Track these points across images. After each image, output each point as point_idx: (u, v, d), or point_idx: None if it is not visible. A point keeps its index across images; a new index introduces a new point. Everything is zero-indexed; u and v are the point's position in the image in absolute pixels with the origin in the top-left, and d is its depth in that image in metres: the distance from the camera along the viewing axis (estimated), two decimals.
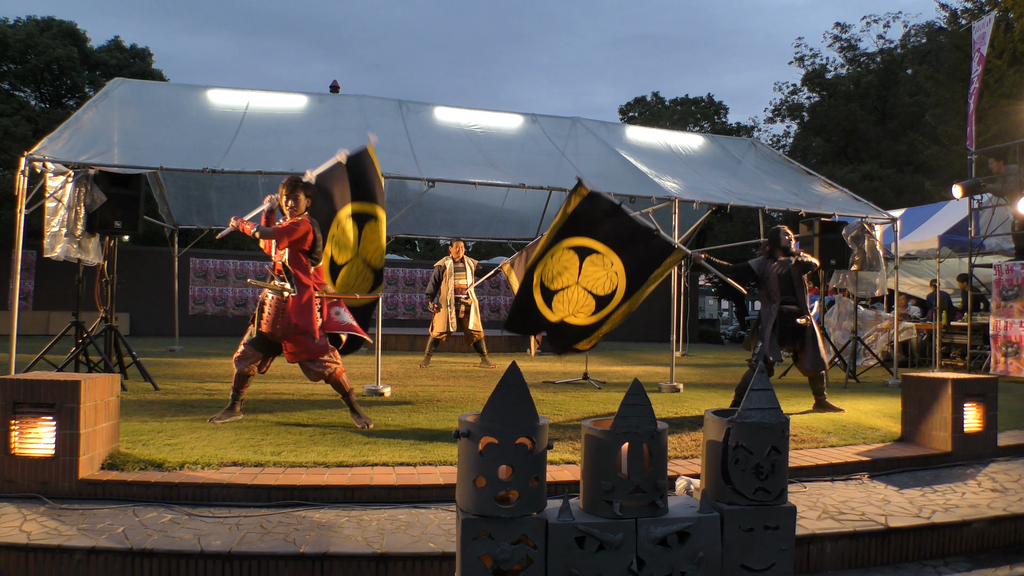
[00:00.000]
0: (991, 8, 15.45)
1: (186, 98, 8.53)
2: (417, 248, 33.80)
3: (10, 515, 3.02)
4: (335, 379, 4.69)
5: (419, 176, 6.73)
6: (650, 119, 27.94)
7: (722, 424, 2.47)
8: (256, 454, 3.77)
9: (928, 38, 24.40)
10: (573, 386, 7.10)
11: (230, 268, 16.51)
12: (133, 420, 4.57)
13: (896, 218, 8.72)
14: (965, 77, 15.12)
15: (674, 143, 10.24)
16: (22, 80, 18.30)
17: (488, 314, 17.77)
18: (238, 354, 4.63)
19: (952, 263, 11.88)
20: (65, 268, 7.63)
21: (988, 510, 3.44)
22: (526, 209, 12.27)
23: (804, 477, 3.93)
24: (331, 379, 4.68)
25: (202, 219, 10.95)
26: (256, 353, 4.64)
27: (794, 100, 27.47)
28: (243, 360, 4.62)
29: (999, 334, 8.52)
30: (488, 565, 2.20)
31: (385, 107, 9.19)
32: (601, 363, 10.17)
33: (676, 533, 2.31)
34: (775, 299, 5.69)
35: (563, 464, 3.84)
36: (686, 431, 4.73)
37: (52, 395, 3.28)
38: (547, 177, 7.78)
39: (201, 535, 2.85)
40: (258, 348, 4.64)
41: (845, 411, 5.67)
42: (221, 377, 7.06)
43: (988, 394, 4.48)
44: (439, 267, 8.89)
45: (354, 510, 3.25)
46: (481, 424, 2.21)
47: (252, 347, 4.63)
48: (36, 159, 5.94)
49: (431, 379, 7.43)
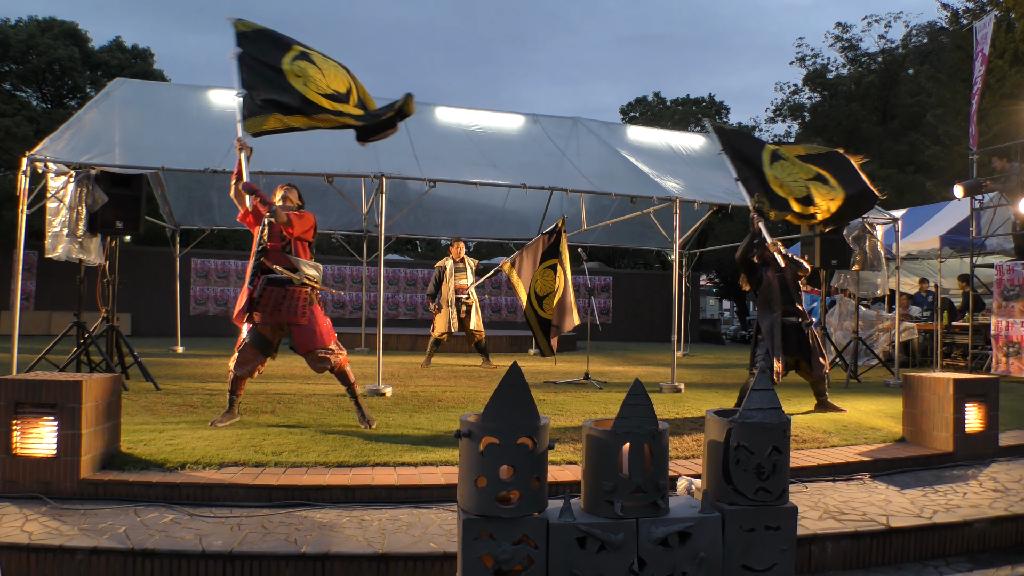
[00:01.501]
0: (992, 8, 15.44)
1: (187, 98, 8.53)
2: (418, 248, 33.83)
3: (12, 515, 3.02)
4: (340, 369, 4.70)
5: (420, 176, 6.73)
6: (651, 119, 27.95)
7: (723, 424, 2.47)
8: (257, 454, 3.78)
9: (929, 38, 24.40)
10: (574, 386, 7.11)
11: (231, 268, 16.52)
12: (134, 420, 4.57)
13: (897, 218, 8.71)
14: (966, 77, 15.13)
15: (675, 143, 10.24)
16: (24, 80, 18.33)
17: (489, 314, 17.78)
18: (238, 360, 4.58)
19: (953, 263, 11.87)
20: (66, 268, 7.64)
21: (989, 510, 3.43)
22: (527, 209, 12.27)
23: (805, 477, 3.93)
24: (336, 369, 4.68)
25: (203, 219, 10.96)
26: (257, 355, 4.62)
27: (795, 100, 27.48)
28: (244, 365, 4.59)
29: (1000, 334, 8.52)
30: (489, 565, 2.20)
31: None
32: (602, 363, 10.17)
33: (677, 533, 2.31)
34: (775, 308, 5.48)
35: (564, 464, 3.84)
36: (687, 431, 4.73)
37: (54, 395, 3.29)
38: (548, 177, 7.78)
39: (202, 535, 2.85)
40: (259, 349, 4.62)
41: (847, 411, 5.66)
42: (222, 377, 7.06)
43: (989, 394, 4.48)
44: (440, 267, 8.89)
45: (355, 510, 3.25)
46: (482, 424, 2.21)
47: (254, 348, 4.60)
48: (38, 159, 5.95)
49: (432, 379, 7.43)
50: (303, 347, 4.62)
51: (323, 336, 4.63)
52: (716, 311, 45.90)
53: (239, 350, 4.60)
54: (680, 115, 28.32)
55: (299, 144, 7.52)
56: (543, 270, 7.27)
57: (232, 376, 4.64)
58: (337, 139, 7.85)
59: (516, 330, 15.66)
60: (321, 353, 4.61)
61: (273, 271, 4.53)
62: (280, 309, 4.51)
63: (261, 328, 4.59)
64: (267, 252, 4.56)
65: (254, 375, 4.69)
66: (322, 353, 4.62)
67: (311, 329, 4.60)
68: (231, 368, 4.63)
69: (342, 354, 4.72)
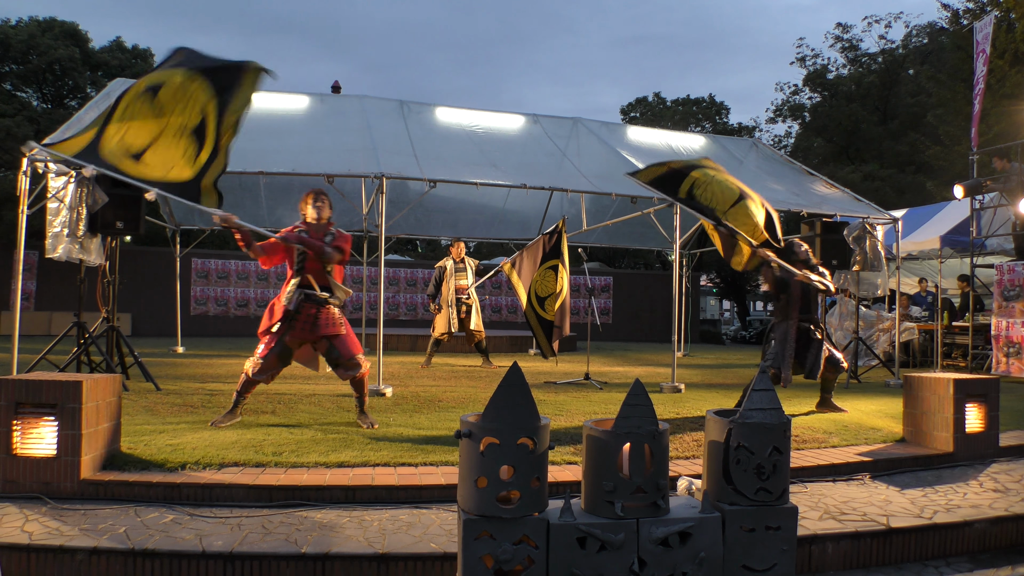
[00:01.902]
0: (992, 8, 15.44)
1: None
2: (419, 248, 33.83)
3: (12, 515, 3.02)
4: (360, 378, 4.76)
5: (420, 176, 6.73)
6: (651, 119, 27.95)
7: (724, 424, 2.47)
8: (258, 454, 3.78)
9: (930, 38, 24.40)
10: (575, 386, 7.10)
11: (232, 268, 16.53)
12: (135, 420, 4.57)
13: (897, 218, 8.71)
14: (967, 77, 15.13)
15: (676, 143, 10.25)
16: (24, 81, 18.34)
17: (489, 314, 17.77)
18: (258, 367, 4.56)
19: (953, 263, 11.87)
20: (67, 268, 7.64)
21: (990, 510, 3.43)
22: (527, 209, 12.27)
23: (806, 477, 3.93)
24: (358, 379, 4.75)
25: (204, 220, 10.95)
26: (279, 364, 4.65)
27: (796, 100, 27.47)
28: (263, 372, 4.60)
29: (1000, 334, 8.51)
30: (490, 565, 2.20)
31: (386, 107, 9.20)
32: (602, 363, 10.17)
33: (678, 533, 2.31)
34: (793, 316, 5.52)
35: (564, 464, 3.84)
36: (687, 431, 4.73)
37: (54, 395, 3.29)
38: (548, 177, 7.78)
39: (203, 535, 2.86)
40: (282, 359, 4.64)
41: (848, 411, 5.66)
42: (223, 377, 7.07)
43: (990, 394, 4.47)
44: (440, 268, 8.90)
45: (355, 510, 3.25)
46: (483, 424, 2.21)
47: (277, 358, 4.61)
48: (38, 159, 5.95)
49: (433, 379, 7.43)
50: (347, 354, 4.65)
51: (355, 345, 4.73)
52: (716, 311, 45.94)
53: (263, 357, 4.58)
54: (680, 115, 28.32)
55: (299, 144, 7.54)
56: (544, 271, 7.34)
57: (246, 379, 4.63)
58: (338, 139, 7.88)
59: (516, 330, 15.66)
60: (354, 361, 4.68)
61: (312, 288, 4.59)
62: (318, 325, 4.57)
63: (289, 341, 4.60)
64: (306, 270, 4.60)
65: (269, 382, 4.71)
66: (357, 360, 4.69)
67: (349, 337, 4.70)
68: (247, 371, 4.60)
69: (367, 364, 4.80)
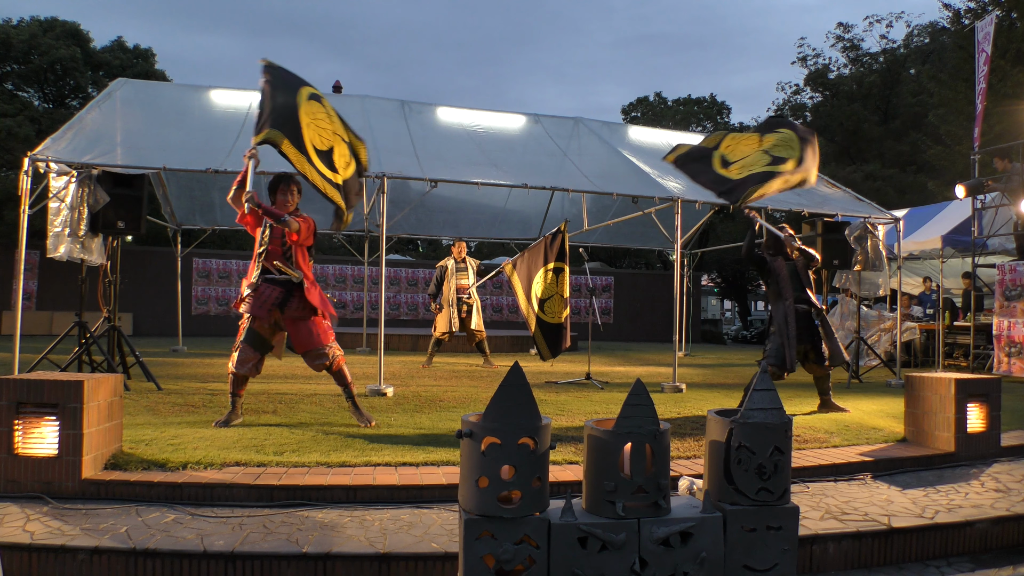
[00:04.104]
0: (994, 8, 15.43)
1: (189, 98, 8.54)
2: (419, 248, 33.84)
3: (13, 515, 3.02)
4: (337, 367, 4.73)
5: (421, 176, 6.73)
6: (652, 119, 27.95)
7: (725, 424, 2.46)
8: (259, 454, 3.78)
9: (931, 38, 24.39)
10: (576, 386, 7.10)
11: (233, 268, 16.53)
12: (136, 420, 4.58)
13: (899, 218, 8.70)
14: (968, 77, 15.11)
15: (677, 143, 10.22)
16: (25, 80, 18.35)
17: (490, 314, 17.78)
18: (237, 360, 4.60)
19: (955, 263, 11.86)
20: (68, 268, 7.65)
21: (991, 510, 3.43)
22: (528, 209, 12.27)
23: (807, 477, 3.93)
24: (333, 368, 4.72)
25: (205, 219, 10.96)
26: (254, 353, 4.64)
27: (797, 100, 27.48)
28: (243, 364, 4.61)
29: (1002, 334, 8.50)
30: (491, 565, 2.20)
31: (388, 107, 9.20)
32: (603, 363, 10.17)
33: (679, 533, 2.31)
34: (787, 296, 5.55)
35: (565, 464, 3.83)
36: (689, 431, 4.73)
37: (55, 395, 3.29)
38: (549, 177, 7.78)
39: (204, 535, 2.86)
40: (256, 347, 4.64)
41: (850, 411, 5.66)
42: (224, 377, 7.06)
43: (991, 394, 4.47)
44: (441, 267, 8.90)
45: (357, 510, 3.25)
46: (484, 424, 2.21)
47: (250, 347, 4.62)
48: (39, 159, 5.95)
49: (434, 379, 7.43)
50: (301, 346, 4.68)
51: (321, 335, 4.69)
52: (718, 311, 45.91)
53: (237, 350, 4.63)
54: (681, 115, 28.32)
55: None
56: (546, 272, 7.29)
57: (232, 376, 4.65)
58: None
59: (517, 330, 15.66)
60: (319, 351, 4.67)
61: (271, 272, 4.62)
62: (284, 309, 4.59)
63: (258, 327, 4.61)
64: (268, 255, 4.63)
65: (253, 374, 4.70)
66: (320, 351, 4.67)
67: (309, 328, 4.66)
68: (231, 368, 4.64)
69: (339, 353, 4.76)
